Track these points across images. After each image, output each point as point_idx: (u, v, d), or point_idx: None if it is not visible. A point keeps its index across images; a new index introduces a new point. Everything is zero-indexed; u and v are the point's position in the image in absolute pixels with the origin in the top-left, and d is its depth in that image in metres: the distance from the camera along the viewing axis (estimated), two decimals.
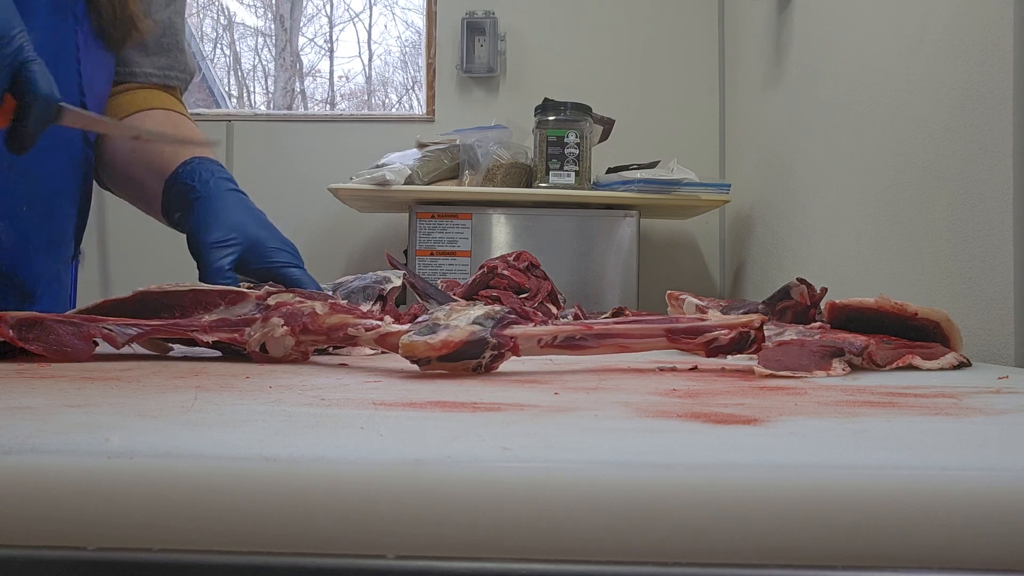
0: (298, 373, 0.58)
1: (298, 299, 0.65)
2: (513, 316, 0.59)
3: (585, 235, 1.95)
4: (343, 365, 0.65)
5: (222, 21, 3.53)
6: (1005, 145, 0.87)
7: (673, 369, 0.64)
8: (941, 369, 0.66)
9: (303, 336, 0.63)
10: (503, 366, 0.66)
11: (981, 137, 0.93)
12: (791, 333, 0.68)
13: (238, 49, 3.55)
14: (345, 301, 0.68)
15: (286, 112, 3.01)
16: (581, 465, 0.27)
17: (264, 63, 3.50)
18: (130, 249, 2.46)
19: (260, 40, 3.52)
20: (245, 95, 3.59)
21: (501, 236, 1.94)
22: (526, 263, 0.99)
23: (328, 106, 3.48)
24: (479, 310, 0.58)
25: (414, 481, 0.26)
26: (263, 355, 0.63)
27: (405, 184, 1.93)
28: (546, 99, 1.99)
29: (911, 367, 0.65)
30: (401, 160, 1.98)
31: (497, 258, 0.99)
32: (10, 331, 0.59)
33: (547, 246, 1.90)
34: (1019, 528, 0.25)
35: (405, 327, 0.59)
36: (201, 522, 0.26)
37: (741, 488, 0.26)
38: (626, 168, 2.00)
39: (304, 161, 2.40)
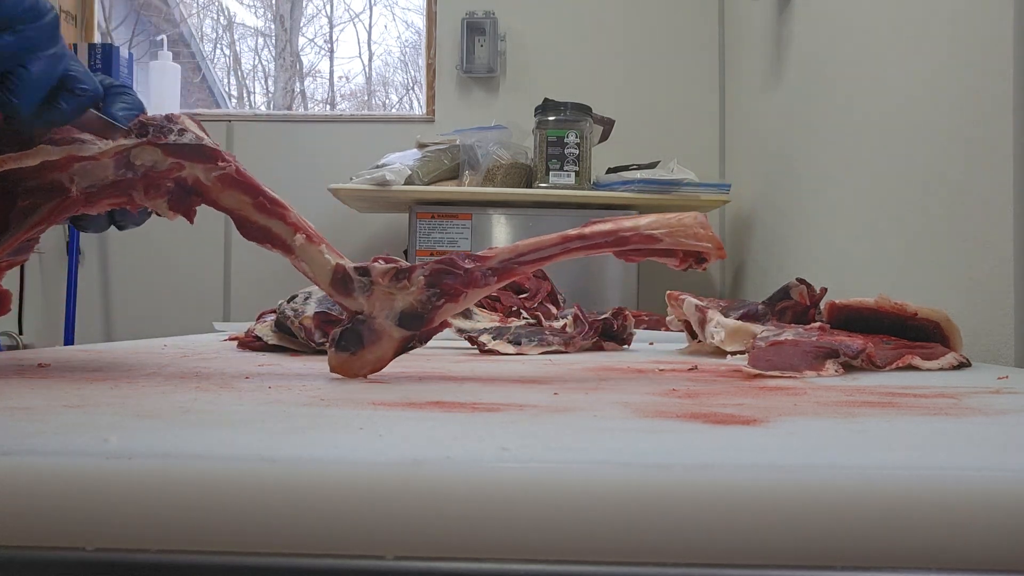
0: (298, 373, 0.58)
1: (171, 162, 0.52)
2: (442, 301, 0.52)
3: None
4: None
5: (222, 21, 3.53)
6: (1005, 145, 0.87)
7: (673, 369, 0.64)
8: (941, 369, 0.66)
9: (192, 211, 0.54)
10: (502, 368, 0.67)
11: (981, 137, 0.93)
12: (790, 334, 0.68)
13: (238, 49, 3.55)
14: (239, 166, 0.54)
15: (286, 112, 3.02)
16: (580, 465, 0.27)
17: (264, 63, 3.50)
18: (130, 249, 2.46)
19: (260, 40, 3.52)
20: (245, 95, 3.59)
21: (501, 236, 1.94)
22: None
23: (328, 106, 3.48)
24: (402, 300, 0.52)
25: (413, 481, 0.26)
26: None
27: (405, 184, 1.93)
28: (546, 99, 1.99)
29: (911, 367, 0.65)
30: (401, 160, 1.98)
31: None
32: None
33: None
34: (1019, 528, 0.25)
35: (325, 269, 0.52)
36: (200, 523, 0.26)
37: (740, 488, 0.26)
38: (626, 168, 2.00)
39: (304, 161, 2.40)
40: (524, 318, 0.92)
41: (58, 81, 0.51)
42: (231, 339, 0.94)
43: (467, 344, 0.83)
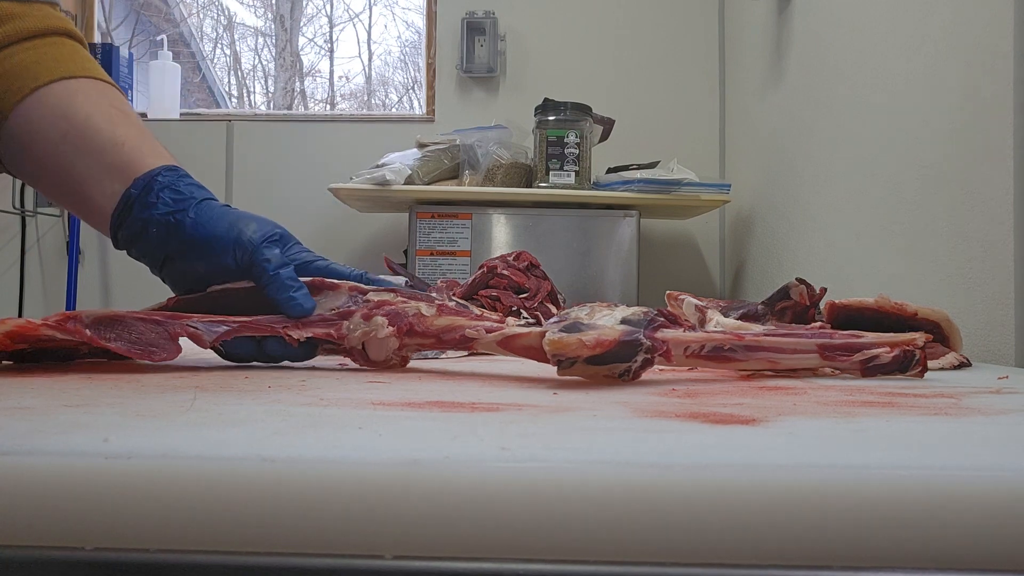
0: (298, 373, 0.58)
1: (400, 299, 0.61)
2: (662, 320, 0.54)
3: (585, 235, 1.95)
4: (342, 365, 0.65)
5: (222, 21, 3.53)
6: (1005, 145, 0.87)
7: (673, 369, 0.64)
8: (941, 369, 0.66)
9: (408, 339, 0.59)
10: (501, 368, 0.66)
11: (981, 137, 0.93)
12: None
13: (238, 49, 3.55)
14: (453, 303, 0.62)
15: (286, 112, 3.02)
16: (580, 465, 0.27)
17: (264, 63, 3.50)
18: None
19: (260, 40, 3.52)
20: (245, 95, 3.59)
21: (501, 236, 1.94)
22: (526, 263, 0.99)
23: (328, 106, 3.48)
24: (624, 310, 0.53)
25: (412, 481, 0.26)
26: (363, 356, 0.60)
27: (405, 184, 1.93)
28: (546, 99, 1.99)
29: None
30: (401, 160, 1.98)
31: (497, 258, 0.99)
32: (87, 331, 0.55)
33: (547, 246, 1.90)
34: (1019, 528, 0.25)
35: (532, 329, 0.55)
36: (199, 522, 0.26)
37: (740, 488, 0.26)
38: (626, 168, 2.00)
39: (304, 161, 2.40)
40: (524, 318, 0.92)
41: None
42: None
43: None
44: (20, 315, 2.44)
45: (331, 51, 3.48)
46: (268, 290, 0.61)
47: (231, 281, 0.63)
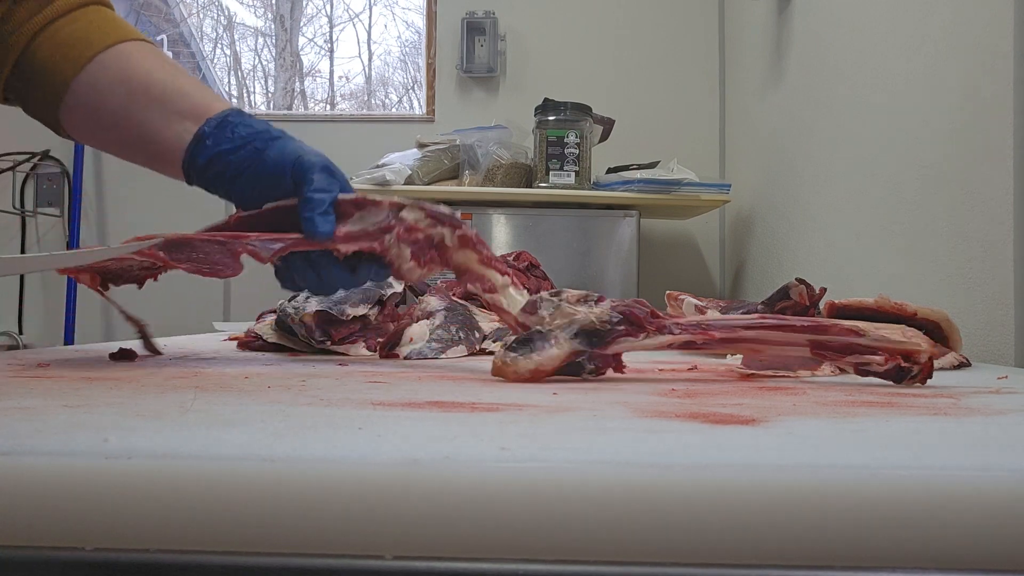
0: (298, 373, 0.58)
1: (429, 221, 0.65)
2: (622, 329, 0.53)
3: (585, 235, 1.95)
4: (343, 365, 0.65)
5: (222, 21, 3.53)
6: (1005, 145, 0.87)
7: (672, 369, 0.64)
8: (941, 369, 0.66)
9: (432, 266, 0.65)
10: None
11: (981, 137, 0.93)
12: None
13: (238, 49, 3.55)
14: (474, 231, 0.68)
15: (286, 112, 3.01)
16: (579, 465, 0.27)
17: (264, 63, 3.50)
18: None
19: (260, 40, 3.51)
20: (245, 95, 3.59)
21: (501, 236, 1.94)
22: (526, 263, 0.99)
23: (328, 106, 3.48)
24: (588, 312, 0.53)
25: (412, 481, 0.26)
26: (399, 271, 0.65)
27: (405, 184, 1.93)
28: (546, 99, 1.99)
29: None
30: (401, 160, 1.98)
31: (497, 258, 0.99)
32: (160, 252, 0.59)
33: (547, 246, 1.90)
34: (1019, 528, 0.25)
35: (519, 307, 0.59)
36: (199, 522, 0.26)
37: (740, 488, 0.26)
38: (626, 168, 2.00)
39: None
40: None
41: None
42: (231, 339, 0.94)
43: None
44: (20, 315, 2.44)
45: (331, 51, 3.48)
46: (299, 206, 0.64)
47: (286, 200, 0.66)
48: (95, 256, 0.62)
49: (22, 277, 2.41)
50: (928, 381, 0.54)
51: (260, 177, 0.67)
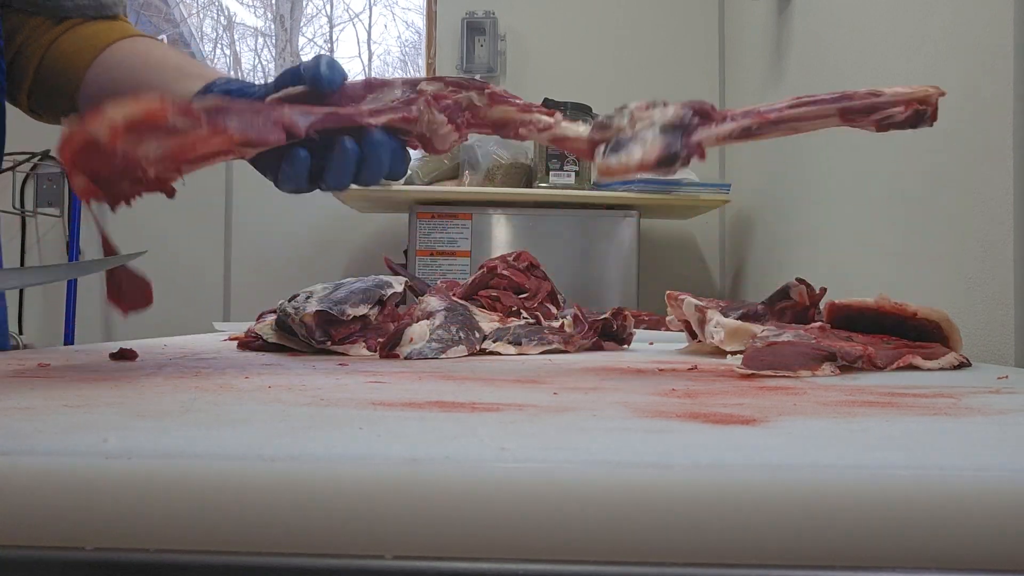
0: (298, 373, 0.58)
1: (452, 88, 0.63)
2: (697, 120, 0.57)
3: (585, 235, 1.95)
4: (343, 365, 0.65)
5: (222, 21, 3.53)
6: (1005, 145, 0.87)
7: (673, 369, 0.64)
8: (941, 369, 0.66)
9: (466, 129, 0.63)
10: (502, 368, 0.67)
11: (981, 137, 0.93)
12: (790, 334, 0.68)
13: (238, 49, 3.55)
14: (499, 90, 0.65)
15: None
16: (580, 465, 0.27)
17: (264, 63, 3.50)
18: (130, 249, 2.45)
19: (260, 40, 3.51)
20: None
21: (501, 236, 1.94)
22: (526, 263, 0.99)
23: None
24: (663, 113, 0.57)
25: (412, 481, 0.26)
26: (429, 142, 0.63)
27: (405, 184, 1.93)
28: (546, 99, 1.98)
29: (911, 367, 0.65)
30: None
31: (497, 258, 0.99)
32: (204, 115, 0.54)
33: (547, 246, 1.90)
34: (1019, 528, 0.25)
35: (582, 131, 0.59)
36: (199, 522, 0.26)
37: (740, 488, 0.26)
38: None
39: None
40: (524, 318, 0.92)
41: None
42: (231, 339, 0.94)
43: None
44: (21, 315, 2.44)
45: (331, 51, 3.48)
46: (306, 75, 0.61)
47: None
48: (97, 268, 0.60)
49: None
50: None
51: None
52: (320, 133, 0.60)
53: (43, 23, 0.81)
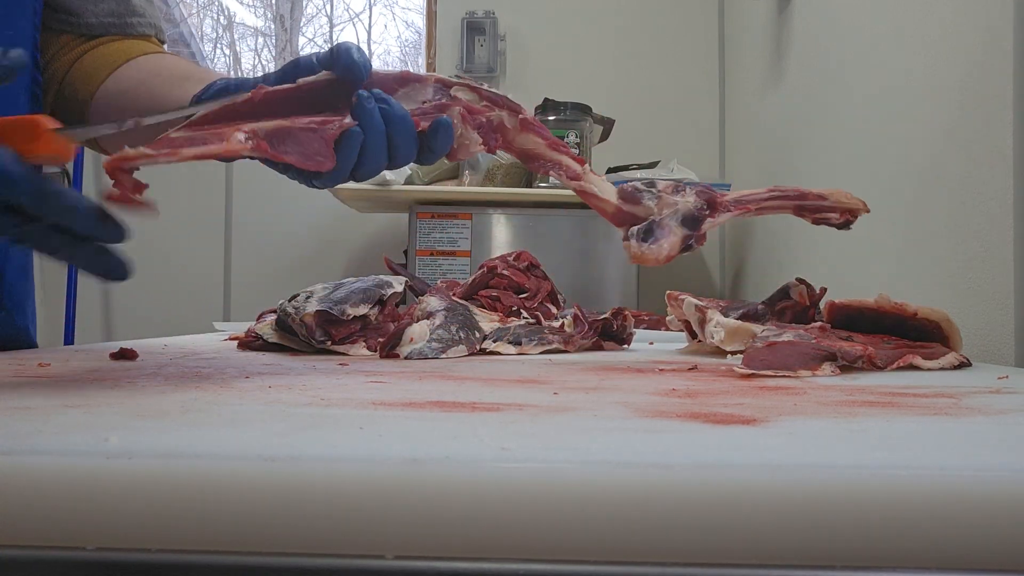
0: (298, 373, 0.58)
1: (484, 103, 0.63)
2: (707, 211, 0.67)
3: (585, 235, 1.95)
4: (343, 365, 0.65)
5: (222, 21, 3.53)
6: (1005, 145, 0.87)
7: (673, 369, 0.64)
8: (941, 369, 0.66)
9: (497, 147, 0.64)
10: (502, 368, 0.67)
11: (981, 137, 0.93)
12: (790, 334, 0.68)
13: (238, 49, 3.55)
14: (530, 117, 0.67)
15: None
16: (580, 465, 0.27)
17: (264, 63, 3.50)
18: (130, 249, 2.45)
19: (260, 40, 3.51)
20: None
21: (501, 236, 1.94)
22: (526, 263, 0.99)
23: None
24: (683, 204, 0.66)
25: (413, 481, 0.26)
26: (452, 151, 0.63)
27: (405, 184, 1.93)
28: (546, 99, 1.99)
29: (911, 367, 0.65)
30: None
31: (497, 258, 0.99)
32: (268, 146, 0.54)
33: (547, 246, 1.90)
34: (1019, 528, 0.25)
35: (609, 193, 0.65)
36: (200, 522, 0.26)
37: (740, 488, 0.26)
38: (626, 168, 2.00)
39: None
40: (524, 318, 0.92)
41: None
42: (231, 339, 0.94)
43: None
44: None
45: None
46: (334, 62, 0.59)
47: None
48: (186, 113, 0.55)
49: None
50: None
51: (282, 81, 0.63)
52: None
53: (70, 41, 0.82)
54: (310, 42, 3.54)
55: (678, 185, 0.67)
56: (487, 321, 0.88)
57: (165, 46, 0.87)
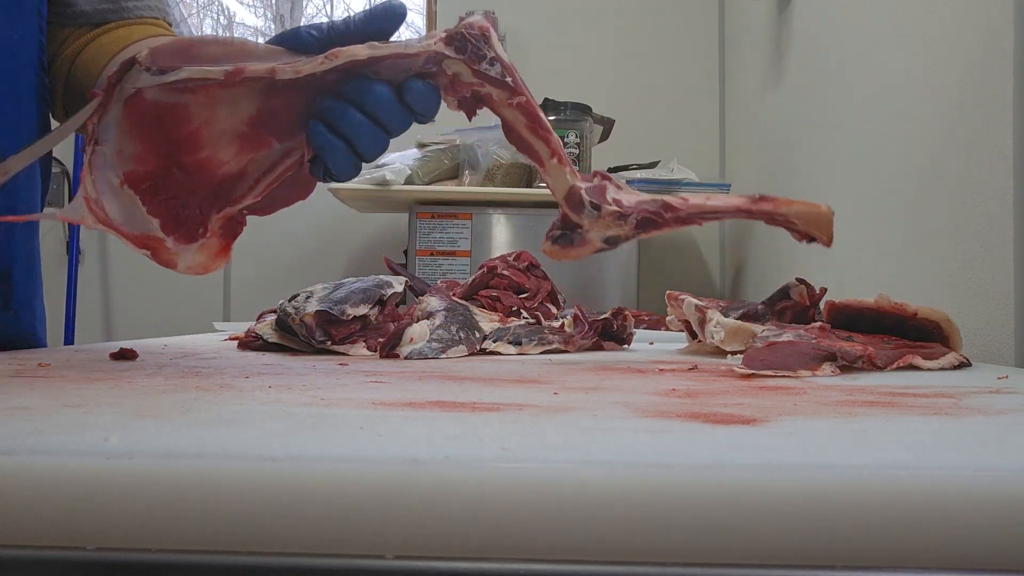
0: (298, 373, 0.58)
1: (476, 80, 0.62)
2: (638, 233, 0.66)
3: None
4: (343, 365, 0.65)
5: (222, 21, 3.53)
6: (1005, 145, 0.87)
7: (673, 369, 0.64)
8: (941, 369, 0.66)
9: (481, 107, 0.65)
10: (502, 368, 0.67)
11: (981, 137, 0.93)
12: (790, 334, 0.68)
13: None
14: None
15: None
16: (580, 465, 0.27)
17: None
18: (130, 249, 2.45)
19: (260, 40, 3.51)
20: None
21: (501, 236, 1.94)
22: (526, 263, 0.99)
23: None
24: (615, 232, 0.66)
25: (413, 481, 0.26)
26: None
27: (405, 184, 1.93)
28: (546, 99, 1.99)
29: (911, 367, 0.65)
30: (401, 160, 1.98)
31: (497, 258, 0.99)
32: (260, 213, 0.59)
33: None
34: (1019, 528, 0.25)
35: (564, 189, 0.64)
36: (200, 522, 0.26)
37: (740, 488, 0.26)
38: (626, 168, 2.00)
39: None
40: (524, 318, 0.92)
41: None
42: (231, 339, 0.94)
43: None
44: None
45: None
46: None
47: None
48: None
49: None
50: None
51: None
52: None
53: (71, 34, 0.81)
54: None
55: (623, 213, 0.65)
56: (487, 321, 0.88)
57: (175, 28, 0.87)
